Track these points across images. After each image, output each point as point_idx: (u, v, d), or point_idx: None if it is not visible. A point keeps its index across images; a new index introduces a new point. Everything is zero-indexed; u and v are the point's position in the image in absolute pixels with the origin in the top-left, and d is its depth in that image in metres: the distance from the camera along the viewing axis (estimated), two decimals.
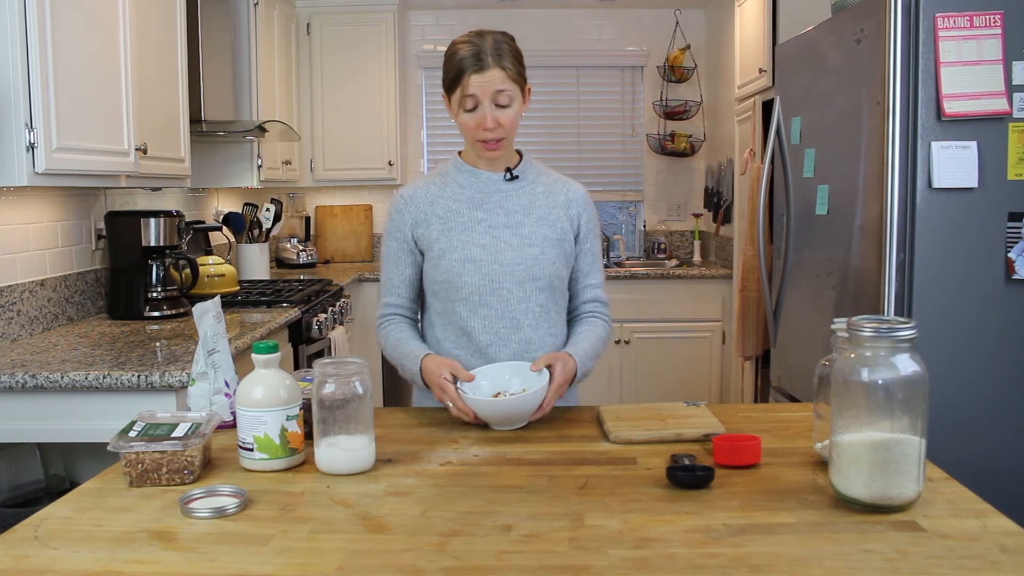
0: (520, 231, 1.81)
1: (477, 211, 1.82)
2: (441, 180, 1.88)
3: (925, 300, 2.25)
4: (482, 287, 1.79)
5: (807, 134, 2.82)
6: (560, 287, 1.86)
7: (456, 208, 1.83)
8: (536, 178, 1.88)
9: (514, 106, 1.76)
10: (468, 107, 1.74)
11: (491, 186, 1.84)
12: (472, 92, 1.72)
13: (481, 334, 1.80)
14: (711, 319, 4.70)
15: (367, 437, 1.39)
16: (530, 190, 1.86)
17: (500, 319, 1.80)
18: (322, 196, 5.34)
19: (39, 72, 2.08)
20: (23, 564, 1.07)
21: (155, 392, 2.08)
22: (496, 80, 1.71)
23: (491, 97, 1.72)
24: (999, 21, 2.18)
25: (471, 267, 1.79)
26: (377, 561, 1.06)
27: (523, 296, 1.80)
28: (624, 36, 5.28)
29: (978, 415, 2.26)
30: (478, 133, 1.76)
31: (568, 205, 1.87)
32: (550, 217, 1.84)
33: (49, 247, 2.72)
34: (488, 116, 1.73)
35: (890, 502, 1.18)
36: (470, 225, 1.81)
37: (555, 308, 1.86)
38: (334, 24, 4.82)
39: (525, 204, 1.84)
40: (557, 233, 1.84)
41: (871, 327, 1.18)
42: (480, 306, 1.80)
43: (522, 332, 1.80)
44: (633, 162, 5.37)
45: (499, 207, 1.83)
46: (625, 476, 1.36)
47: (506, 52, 1.74)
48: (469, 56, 1.71)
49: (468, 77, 1.71)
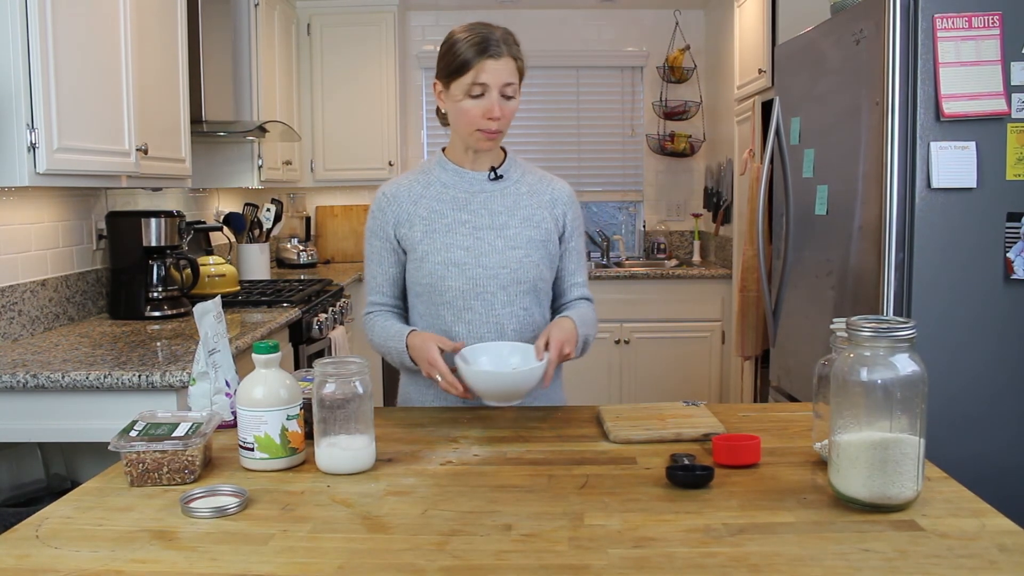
0: (505, 233, 1.79)
1: (461, 212, 1.80)
2: (424, 178, 1.85)
3: (924, 300, 2.26)
4: (466, 291, 1.77)
5: (806, 134, 2.82)
6: (544, 289, 1.85)
7: (440, 209, 1.80)
8: (520, 177, 1.86)
9: (517, 99, 1.74)
10: (475, 93, 1.70)
11: (475, 186, 1.82)
12: (484, 80, 1.68)
13: (465, 338, 1.77)
14: (710, 319, 4.71)
15: (367, 437, 1.40)
16: (515, 190, 1.84)
17: (484, 323, 1.78)
18: (322, 196, 5.35)
19: (40, 72, 2.08)
20: (24, 563, 1.07)
21: (156, 392, 2.08)
22: (509, 70, 1.70)
23: (500, 88, 1.70)
24: (998, 22, 2.19)
25: (455, 270, 1.77)
26: (377, 560, 1.07)
27: (507, 300, 1.79)
28: (624, 36, 5.28)
29: (977, 415, 2.26)
30: (481, 122, 1.72)
31: (553, 204, 1.85)
32: (535, 218, 1.82)
33: (50, 247, 2.72)
34: (496, 105, 1.70)
35: (889, 501, 1.19)
36: (454, 227, 1.79)
37: (539, 311, 1.85)
38: (334, 24, 4.82)
39: (509, 205, 1.82)
40: (542, 234, 1.82)
41: (870, 327, 1.18)
42: (464, 310, 1.78)
43: (506, 337, 1.79)
44: (633, 162, 5.37)
45: (483, 208, 1.81)
46: (625, 476, 1.36)
47: (515, 42, 1.73)
48: (482, 42, 1.68)
49: (483, 62, 1.67)
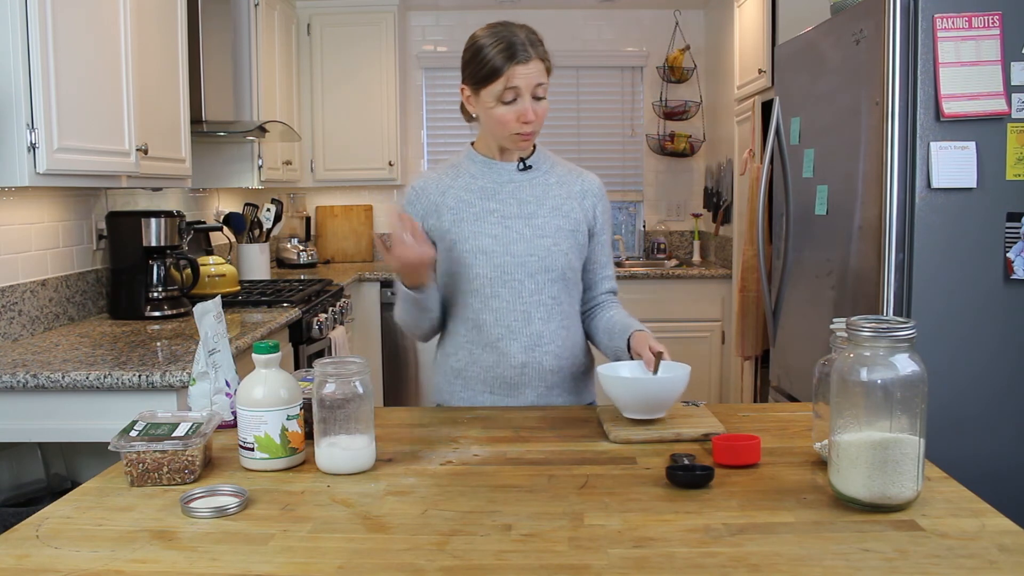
0: (533, 221, 1.80)
1: (489, 201, 1.81)
2: (453, 171, 1.87)
3: (924, 300, 2.26)
4: (493, 278, 1.78)
5: (806, 134, 2.82)
6: (573, 279, 1.85)
7: (468, 198, 1.82)
8: (550, 168, 1.87)
9: (546, 99, 1.75)
10: (508, 99, 1.71)
11: (504, 176, 1.83)
12: (515, 84, 1.69)
13: (492, 327, 1.79)
14: (710, 319, 4.71)
15: (367, 437, 1.40)
16: (543, 180, 1.85)
17: (511, 312, 1.79)
18: (322, 196, 5.35)
19: (40, 73, 2.08)
20: (24, 563, 1.07)
21: (156, 392, 2.08)
22: (538, 71, 1.71)
23: (532, 91, 1.71)
24: (997, 22, 2.19)
25: (482, 258, 1.78)
26: (377, 560, 1.07)
27: (535, 288, 1.79)
28: (624, 36, 5.29)
29: (977, 415, 2.26)
30: (516, 127, 1.73)
31: (583, 196, 1.86)
32: (564, 207, 1.83)
33: (50, 247, 2.72)
34: (529, 109, 1.71)
35: (889, 501, 1.19)
36: (482, 215, 1.80)
37: (568, 300, 1.85)
38: (334, 24, 4.82)
39: (538, 194, 1.83)
40: (571, 224, 1.82)
41: (870, 327, 1.18)
42: (491, 298, 1.79)
43: (533, 325, 1.80)
44: (633, 162, 5.37)
45: (512, 197, 1.82)
46: (625, 476, 1.36)
47: (540, 45, 1.74)
48: (509, 48, 1.69)
49: (513, 68, 1.68)
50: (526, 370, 1.81)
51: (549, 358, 1.82)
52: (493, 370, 1.82)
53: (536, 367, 1.81)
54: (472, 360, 1.84)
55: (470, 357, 1.84)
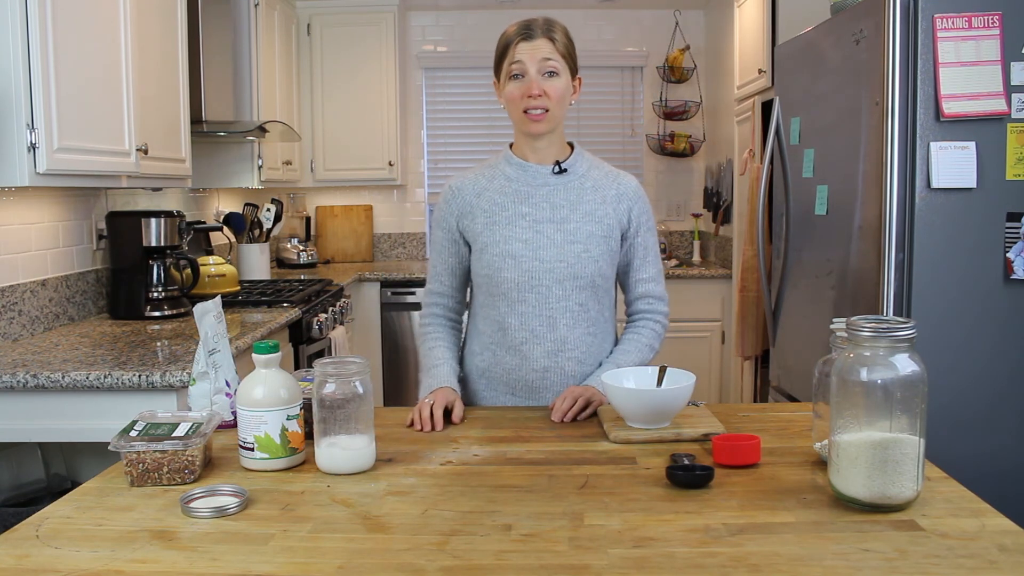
0: (565, 227, 1.79)
1: (522, 205, 1.81)
2: (489, 172, 1.87)
3: (924, 300, 2.26)
4: (521, 283, 1.78)
5: (806, 134, 2.82)
6: (604, 286, 1.84)
7: (501, 201, 1.82)
8: (586, 172, 1.86)
9: (562, 79, 1.76)
10: (514, 74, 1.75)
11: (539, 179, 1.83)
12: (519, 58, 1.73)
13: (517, 331, 1.80)
14: (710, 319, 4.70)
15: (367, 437, 1.40)
16: (578, 184, 1.84)
17: (537, 316, 1.79)
18: (322, 196, 5.35)
19: (40, 73, 2.08)
20: (24, 563, 1.07)
21: (156, 392, 2.08)
22: (543, 49, 1.73)
23: (538, 66, 1.73)
24: (997, 22, 2.19)
25: (511, 262, 1.78)
26: (377, 560, 1.07)
27: (562, 294, 1.79)
28: (624, 36, 5.28)
29: (977, 415, 2.26)
30: (523, 102, 1.75)
31: (619, 200, 1.84)
32: (597, 213, 1.82)
33: (50, 247, 2.72)
34: (534, 83, 1.73)
35: (889, 501, 1.19)
36: (514, 219, 1.80)
37: (596, 307, 1.84)
38: (334, 25, 4.82)
39: (572, 199, 1.82)
40: (603, 230, 1.81)
41: (870, 327, 1.18)
42: (518, 302, 1.79)
43: (557, 331, 1.79)
44: (633, 162, 5.37)
45: (545, 201, 1.81)
46: (625, 475, 1.36)
47: (557, 27, 1.77)
48: (519, 28, 1.75)
49: (516, 45, 1.73)
50: (548, 374, 1.82)
51: (572, 364, 1.82)
52: (515, 372, 1.83)
53: (558, 372, 1.82)
54: (496, 361, 1.85)
55: (494, 358, 1.85)
